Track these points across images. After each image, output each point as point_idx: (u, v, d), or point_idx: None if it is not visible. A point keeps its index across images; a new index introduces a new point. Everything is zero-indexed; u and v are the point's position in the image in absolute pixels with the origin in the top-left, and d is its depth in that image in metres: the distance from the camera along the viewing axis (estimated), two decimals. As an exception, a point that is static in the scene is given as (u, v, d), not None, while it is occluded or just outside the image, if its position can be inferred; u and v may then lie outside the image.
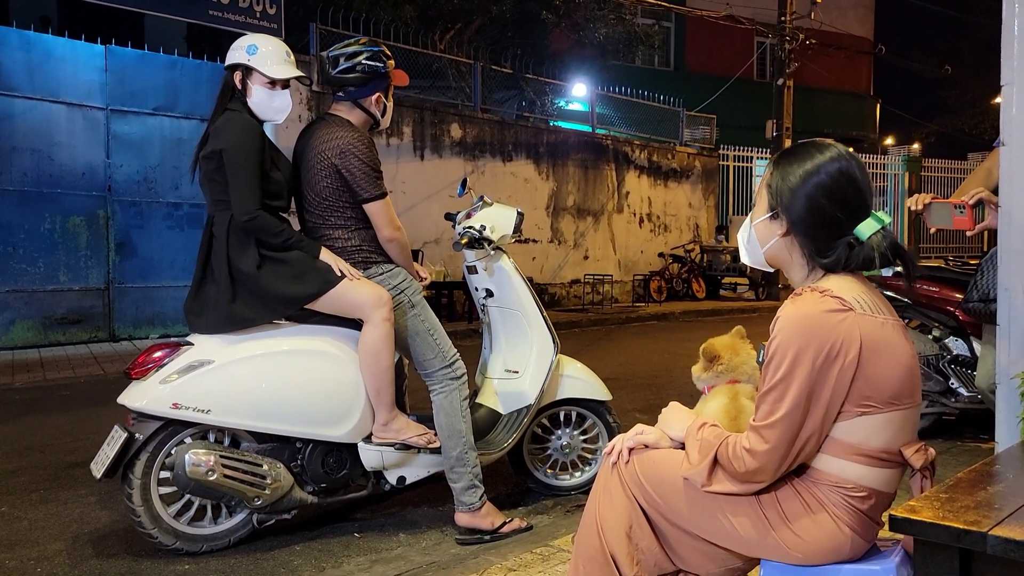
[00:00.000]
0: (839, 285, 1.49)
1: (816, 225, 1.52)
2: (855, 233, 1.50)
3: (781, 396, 1.44)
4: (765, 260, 1.63)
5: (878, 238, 1.49)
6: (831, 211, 1.50)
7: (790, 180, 1.54)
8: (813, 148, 1.56)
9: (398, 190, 10.65)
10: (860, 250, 1.49)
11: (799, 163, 1.54)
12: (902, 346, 1.48)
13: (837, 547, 1.50)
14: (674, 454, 1.66)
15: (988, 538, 1.07)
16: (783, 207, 1.55)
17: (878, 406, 1.45)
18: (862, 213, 1.51)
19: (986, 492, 1.24)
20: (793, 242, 1.56)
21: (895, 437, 1.49)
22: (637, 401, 5.58)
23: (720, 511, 1.55)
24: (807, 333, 1.42)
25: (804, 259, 1.55)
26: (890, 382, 1.45)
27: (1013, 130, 2.12)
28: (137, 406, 2.80)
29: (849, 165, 1.52)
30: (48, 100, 8.45)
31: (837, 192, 1.50)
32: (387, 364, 2.94)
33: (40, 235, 8.44)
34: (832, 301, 1.44)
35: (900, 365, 1.47)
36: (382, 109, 3.11)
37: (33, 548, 3.01)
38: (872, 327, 1.45)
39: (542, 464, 3.56)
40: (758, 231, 1.61)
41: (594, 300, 13.04)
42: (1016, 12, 2.10)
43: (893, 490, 1.54)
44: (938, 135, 26.92)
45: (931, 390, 4.22)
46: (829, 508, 1.50)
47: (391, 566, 2.81)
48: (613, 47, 14.27)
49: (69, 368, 7.20)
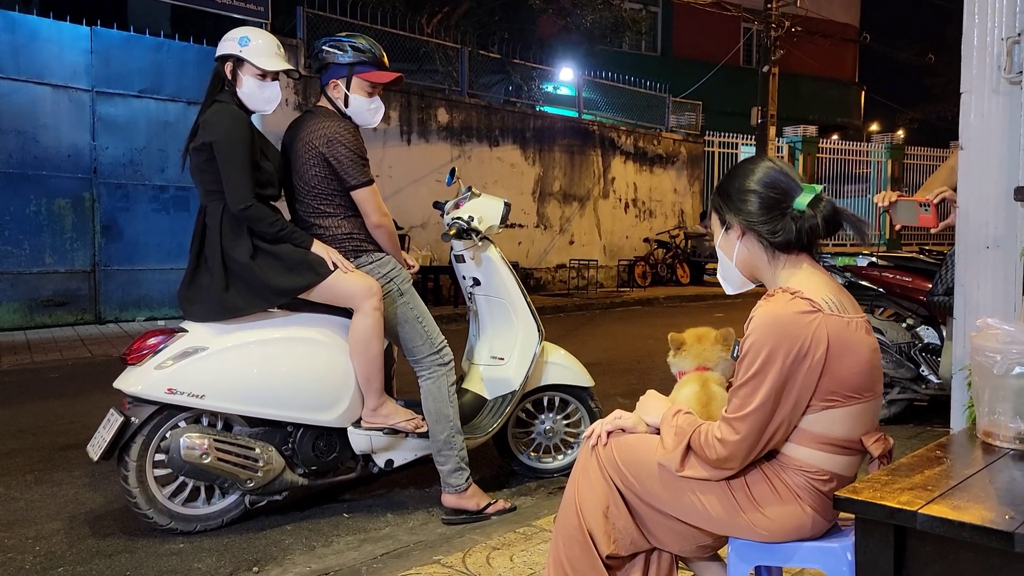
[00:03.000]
0: (809, 286, 1.60)
1: (760, 212, 1.65)
2: (795, 206, 1.63)
3: (753, 391, 1.54)
4: (741, 274, 1.75)
5: (819, 206, 1.63)
6: (766, 194, 1.65)
7: (728, 192, 1.71)
8: (740, 164, 1.75)
9: (384, 175, 10.69)
10: (804, 220, 1.62)
11: (729, 179, 1.73)
12: (865, 343, 1.59)
13: (800, 526, 1.62)
14: (649, 439, 1.77)
15: (918, 516, 1.19)
16: (731, 214, 1.70)
17: (841, 400, 1.57)
18: (794, 191, 1.65)
19: (923, 475, 1.36)
20: (751, 239, 1.69)
21: (856, 427, 1.61)
22: (620, 386, 5.70)
23: (692, 492, 1.66)
24: (779, 333, 1.53)
25: (765, 251, 1.68)
26: (853, 378, 1.57)
27: (971, 135, 2.24)
28: (133, 391, 2.89)
29: (772, 162, 1.70)
30: (33, 82, 8.42)
31: (768, 180, 1.66)
32: (377, 351, 3.03)
33: (25, 217, 8.44)
34: (803, 303, 1.55)
35: (863, 361, 1.57)
36: (343, 98, 3.11)
37: (31, 527, 3.10)
38: (839, 327, 1.55)
39: (526, 447, 3.67)
40: (723, 249, 1.75)
41: (579, 285, 13.16)
42: (975, 23, 2.21)
43: (853, 474, 1.66)
44: (921, 122, 27.15)
45: (903, 377, 4.37)
46: (794, 491, 1.61)
47: (379, 545, 2.92)
48: (600, 32, 14.30)
49: (56, 350, 7.24)
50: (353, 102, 3.11)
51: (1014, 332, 1.53)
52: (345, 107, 3.12)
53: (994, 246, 2.24)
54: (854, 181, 18.56)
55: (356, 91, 3.11)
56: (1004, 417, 1.55)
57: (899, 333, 4.47)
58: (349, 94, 3.10)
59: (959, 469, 1.44)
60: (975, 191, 2.24)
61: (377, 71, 3.13)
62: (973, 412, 1.77)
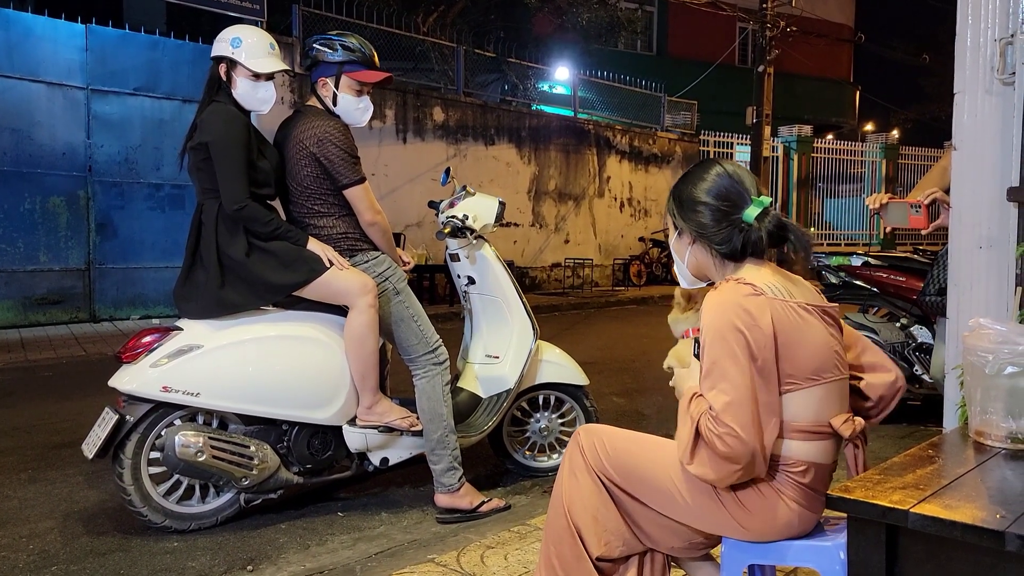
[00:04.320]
0: (753, 275, 1.65)
1: (709, 223, 1.70)
2: (743, 218, 1.67)
3: (722, 376, 1.53)
4: (691, 272, 1.81)
5: (764, 219, 1.67)
6: (716, 206, 1.69)
7: (681, 198, 1.75)
8: (694, 167, 1.78)
9: (380, 173, 10.68)
10: (750, 232, 1.66)
11: (683, 183, 1.77)
12: (816, 325, 1.62)
13: (786, 523, 1.63)
14: (636, 435, 1.79)
15: (909, 515, 1.20)
16: (682, 221, 1.75)
17: (800, 382, 1.60)
18: (744, 202, 1.68)
19: (915, 474, 1.37)
20: (700, 246, 1.74)
21: (822, 410, 1.63)
22: (615, 385, 5.72)
23: (677, 491, 1.67)
24: (727, 313, 1.57)
25: (712, 257, 1.73)
26: (808, 358, 1.59)
27: (964, 135, 2.24)
28: (128, 389, 2.88)
29: (725, 169, 1.73)
30: (27, 79, 8.39)
31: (716, 190, 1.70)
32: (372, 349, 3.03)
33: (20, 215, 8.41)
34: (746, 287, 1.60)
35: (815, 342, 1.60)
36: (332, 97, 3.10)
37: (24, 526, 3.09)
38: (782, 309, 1.59)
39: (521, 446, 3.68)
40: (676, 251, 1.82)
41: (574, 284, 13.17)
42: (969, 24, 2.22)
43: (831, 460, 1.67)
44: (916, 122, 27.25)
45: (896, 376, 4.38)
46: (776, 487, 1.62)
47: (374, 543, 2.92)
48: (596, 31, 14.30)
49: (51, 349, 7.22)
50: (342, 101, 3.11)
51: (1006, 332, 1.54)
52: (334, 106, 3.11)
53: (987, 246, 2.25)
54: (849, 181, 18.61)
55: (345, 90, 3.10)
56: (996, 416, 1.56)
57: (892, 332, 4.49)
58: (338, 93, 3.10)
59: (951, 468, 1.45)
60: (968, 191, 2.25)
61: (366, 70, 3.12)
62: (965, 411, 1.78)
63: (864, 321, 4.58)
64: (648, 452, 1.73)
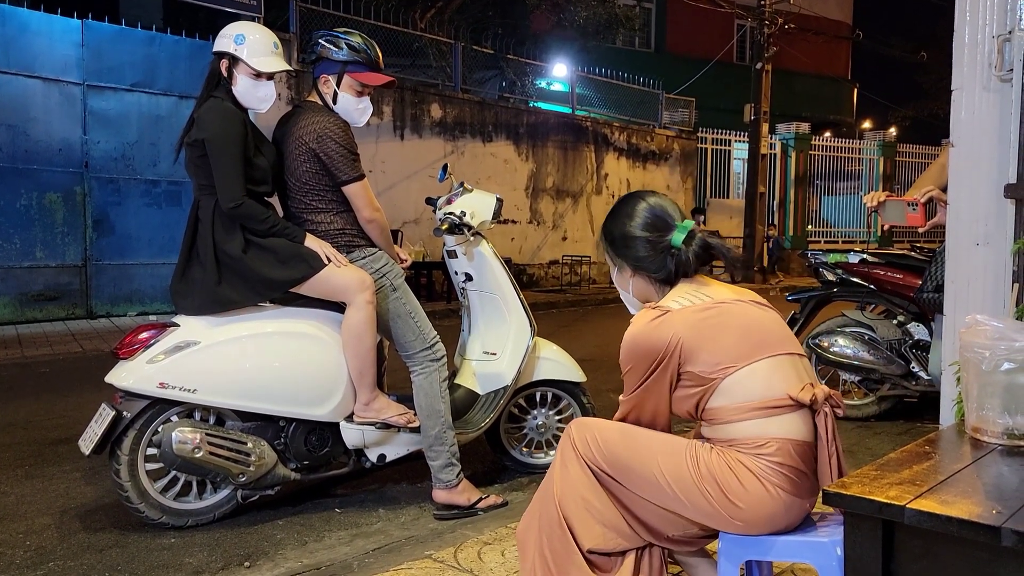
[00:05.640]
0: (673, 294, 1.80)
1: (642, 254, 1.83)
2: (671, 242, 1.81)
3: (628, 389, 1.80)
4: (639, 302, 1.91)
5: (691, 243, 1.80)
6: (648, 237, 1.83)
7: (613, 238, 1.88)
8: (617, 205, 1.92)
9: (378, 170, 10.67)
10: (680, 254, 1.80)
11: (612, 223, 1.89)
12: (740, 312, 1.75)
13: (773, 511, 1.63)
14: (627, 427, 1.80)
15: (906, 511, 1.20)
16: (619, 258, 1.88)
17: (734, 363, 1.68)
18: (670, 229, 1.82)
19: (911, 470, 1.37)
20: (640, 276, 1.87)
21: (774, 384, 1.67)
22: (612, 382, 5.72)
23: (665, 482, 1.69)
24: (635, 350, 1.74)
25: (652, 284, 1.87)
26: (728, 345, 1.69)
27: (962, 132, 2.25)
28: (125, 385, 2.88)
29: (647, 202, 1.86)
30: (23, 75, 8.37)
31: (646, 222, 1.83)
32: (369, 346, 3.03)
33: (16, 211, 8.39)
34: (653, 312, 1.75)
35: (740, 325, 1.72)
36: (332, 94, 3.10)
37: (21, 522, 3.09)
38: (689, 314, 1.71)
39: (518, 443, 3.68)
40: (619, 285, 1.95)
41: (572, 281, 13.17)
42: (967, 21, 2.22)
43: (801, 435, 1.67)
44: (914, 120, 27.27)
45: (893, 373, 4.39)
46: (756, 473, 1.63)
47: (371, 540, 2.92)
48: (594, 28, 14.30)
49: (47, 345, 7.21)
50: (342, 100, 3.10)
51: (1003, 328, 1.54)
52: (334, 104, 3.10)
53: (984, 243, 2.25)
54: (846, 178, 18.64)
55: (346, 90, 3.09)
56: (992, 413, 1.56)
57: (890, 330, 4.49)
58: (339, 92, 3.09)
59: (947, 464, 1.46)
60: (966, 188, 2.26)
61: (370, 72, 3.10)
62: (962, 408, 1.78)
63: (861, 318, 4.58)
64: (639, 444, 1.75)
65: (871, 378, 4.44)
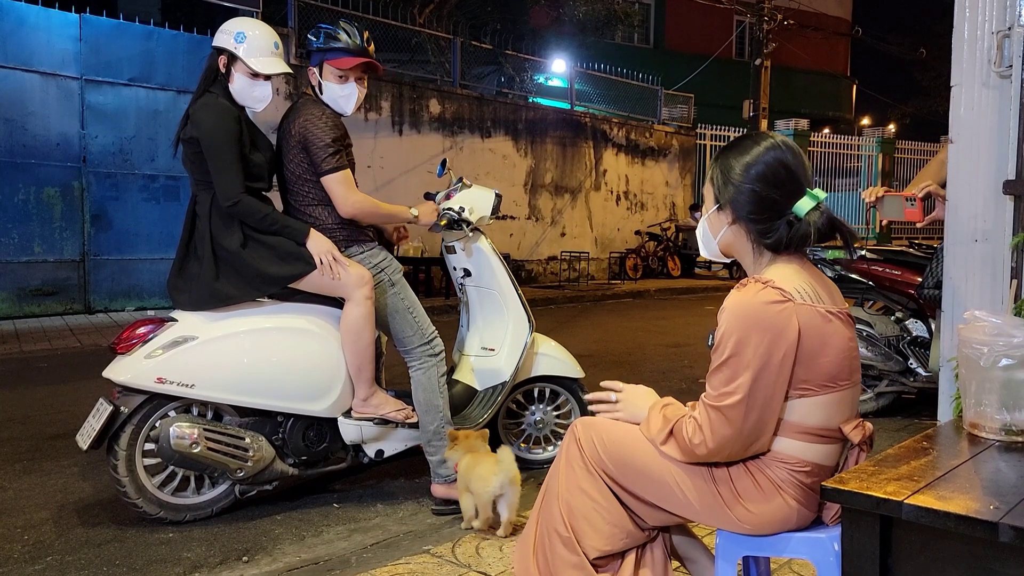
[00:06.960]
0: (782, 275, 1.58)
1: (756, 210, 1.62)
2: (794, 211, 1.59)
3: (730, 379, 1.53)
4: (720, 251, 1.73)
5: (815, 214, 1.59)
6: (768, 195, 1.60)
7: (729, 173, 1.64)
8: (749, 140, 1.67)
9: (376, 165, 10.66)
10: (799, 227, 1.59)
11: (736, 156, 1.65)
12: (840, 332, 1.58)
13: (784, 519, 1.63)
14: (633, 429, 1.76)
15: (903, 506, 1.20)
16: (727, 199, 1.65)
17: (815, 388, 1.57)
18: (798, 193, 1.60)
19: (909, 466, 1.37)
20: (739, 229, 1.66)
21: (833, 415, 1.60)
22: (610, 378, 5.71)
23: (676, 486, 1.66)
24: (748, 323, 1.51)
25: (751, 243, 1.65)
26: (826, 366, 1.55)
27: (961, 128, 2.25)
28: (122, 380, 2.88)
29: (782, 152, 1.62)
30: (21, 69, 8.34)
31: (772, 177, 1.60)
32: (368, 341, 3.03)
33: (13, 206, 8.38)
34: (773, 292, 1.53)
35: (837, 350, 1.56)
36: (318, 85, 3.10)
37: (19, 516, 3.09)
38: (810, 315, 1.53)
39: (516, 438, 3.68)
40: (709, 224, 1.72)
41: (570, 277, 13.17)
42: (966, 17, 2.22)
43: (834, 463, 1.66)
44: (913, 117, 27.27)
45: (891, 370, 4.40)
46: (776, 484, 1.61)
47: (369, 535, 2.92)
48: (592, 24, 14.30)
49: (45, 340, 7.20)
50: (326, 89, 3.09)
51: (1001, 324, 1.54)
52: (320, 94, 3.11)
53: (983, 239, 2.25)
54: (845, 175, 18.62)
55: (328, 78, 3.08)
56: (990, 409, 1.56)
57: (888, 326, 4.50)
58: (322, 81, 3.09)
59: (945, 460, 1.46)
60: (964, 184, 2.26)
61: (347, 57, 3.05)
62: (960, 404, 1.78)
63: (860, 315, 4.59)
64: (646, 445, 1.71)
65: (869, 374, 4.45)
